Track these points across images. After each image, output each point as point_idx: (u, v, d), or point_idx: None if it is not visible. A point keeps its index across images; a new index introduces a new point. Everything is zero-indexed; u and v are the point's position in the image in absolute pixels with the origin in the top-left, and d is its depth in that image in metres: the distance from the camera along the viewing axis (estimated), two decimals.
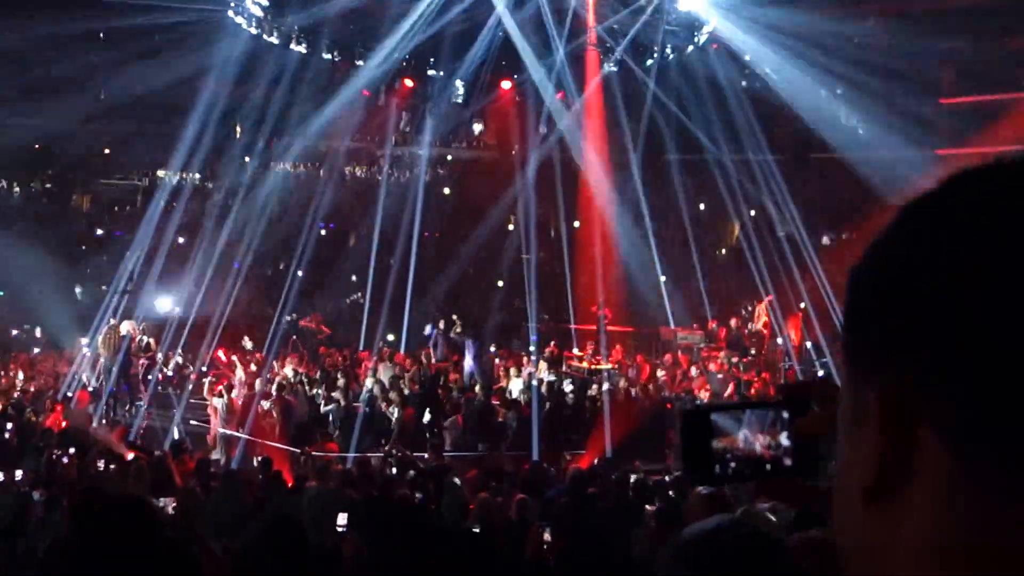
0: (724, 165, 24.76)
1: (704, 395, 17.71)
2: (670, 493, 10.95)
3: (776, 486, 1.04)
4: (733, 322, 22.28)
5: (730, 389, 17.53)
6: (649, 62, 26.05)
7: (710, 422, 1.05)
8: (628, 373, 19.21)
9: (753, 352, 21.06)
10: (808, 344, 20.54)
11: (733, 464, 1.04)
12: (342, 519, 9.65)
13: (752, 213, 26.05)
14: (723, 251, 27.86)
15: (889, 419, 0.65)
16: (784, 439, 1.03)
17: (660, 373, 19.33)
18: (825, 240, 24.74)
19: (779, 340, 20.46)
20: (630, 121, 24.99)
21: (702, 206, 28.12)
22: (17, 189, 28.54)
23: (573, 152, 25.08)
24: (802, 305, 20.89)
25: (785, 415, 1.02)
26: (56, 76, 24.37)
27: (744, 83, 24.44)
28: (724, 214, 27.06)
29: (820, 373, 18.92)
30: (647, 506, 10.00)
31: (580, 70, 25.57)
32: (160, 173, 27.27)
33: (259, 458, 12.90)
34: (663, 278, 23.42)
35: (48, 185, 29.18)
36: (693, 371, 19.40)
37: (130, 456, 12.82)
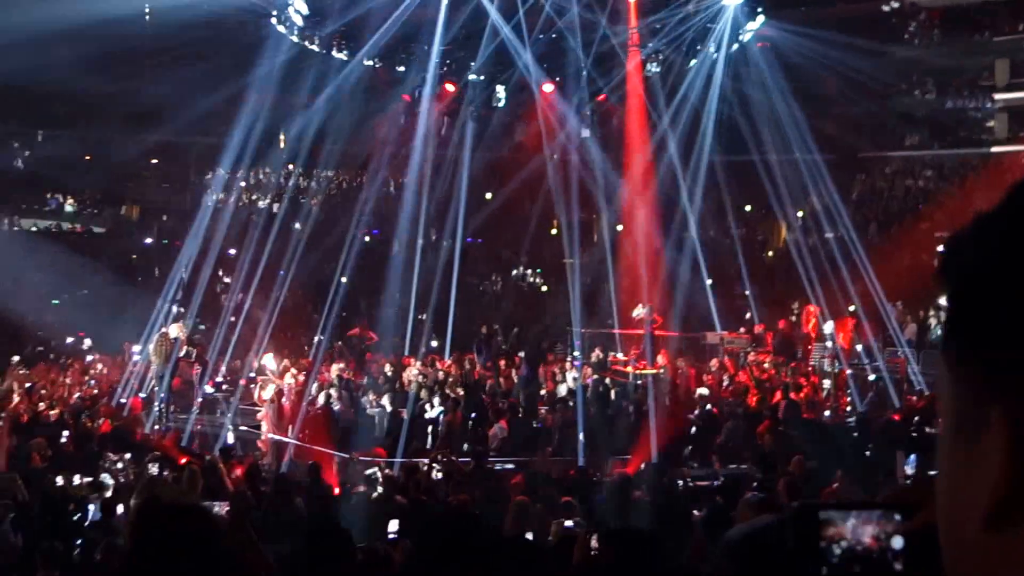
0: (771, 165, 24.57)
1: (751, 400, 17.57)
2: (717, 499, 10.88)
3: None
4: (781, 325, 22.07)
5: (778, 396, 17.34)
6: (693, 62, 25.92)
7: (818, 520, 1.02)
8: (674, 378, 19.10)
9: (800, 356, 20.87)
10: (859, 347, 20.30)
11: (842, 564, 1.01)
12: (393, 525, 9.72)
13: (800, 214, 25.81)
14: (770, 253, 27.62)
15: (1020, 437, 0.58)
16: (896, 543, 0.99)
17: (706, 378, 19.20)
18: (874, 241, 24.43)
19: (828, 344, 20.23)
20: (673, 122, 24.86)
21: (748, 207, 27.92)
22: (70, 199, 29.04)
23: (616, 155, 25.01)
24: (852, 308, 20.65)
25: (897, 517, 0.99)
26: (105, 88, 24.84)
27: (791, 81, 24.19)
28: (771, 215, 26.85)
29: (871, 377, 18.70)
30: (694, 512, 9.95)
31: (622, 71, 25.50)
32: (208, 180, 27.62)
33: (308, 464, 13.00)
34: (709, 281, 23.28)
35: (99, 196, 29.70)
36: (740, 376, 19.25)
37: (183, 461, 13.02)
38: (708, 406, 17.20)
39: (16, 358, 20.79)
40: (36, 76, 22.97)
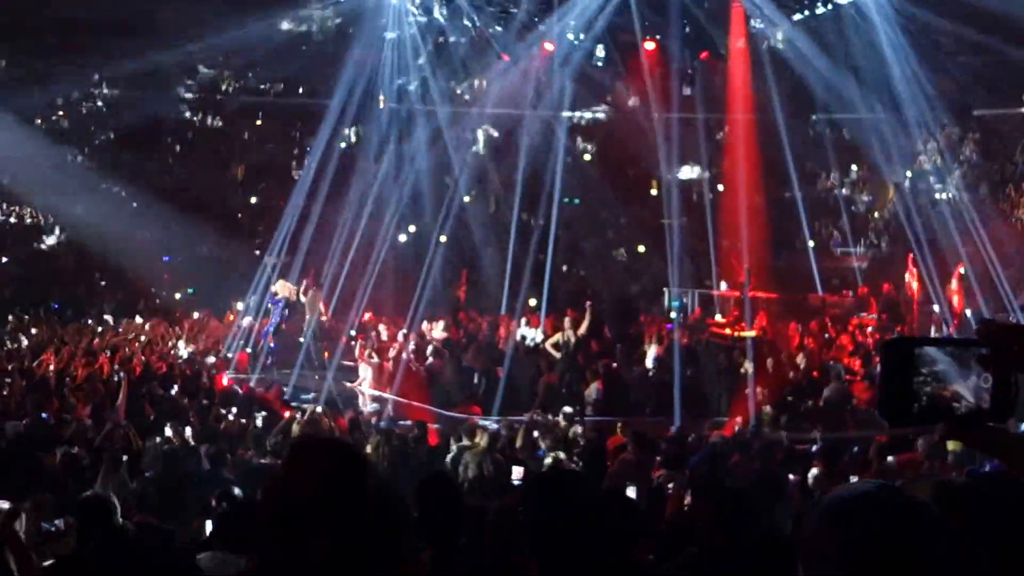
0: (879, 124, 23.84)
1: (854, 364, 17.23)
2: (816, 463, 10.74)
3: (966, 431, 0.98)
4: (885, 289, 21.50)
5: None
6: (799, 16, 25.21)
7: (913, 356, 0.99)
8: (773, 340, 18.82)
9: (904, 319, 20.32)
10: (968, 312, 19.66)
11: (930, 403, 0.99)
12: (517, 472, 9.89)
13: (908, 175, 25.03)
14: (876, 214, 26.88)
15: None
16: (986, 380, 0.97)
17: (807, 341, 18.86)
18: (986, 203, 23.54)
19: (935, 307, 19.65)
20: (778, 80, 24.25)
21: (854, 168, 27.18)
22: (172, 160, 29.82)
23: (717, 113, 24.58)
24: (962, 270, 20.00)
25: (984, 352, 0.96)
26: (210, 48, 25.42)
27: (902, 37, 23.32)
28: (879, 176, 26.10)
29: None
30: (791, 476, 9.85)
31: (725, 27, 24.97)
32: (311, 140, 28.08)
33: (411, 422, 13.27)
34: (811, 243, 22.80)
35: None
36: (842, 339, 18.84)
37: (286, 414, 13.41)
38: (809, 369, 16.93)
39: (138, 318, 21.63)
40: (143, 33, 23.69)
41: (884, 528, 1.55)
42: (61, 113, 28.27)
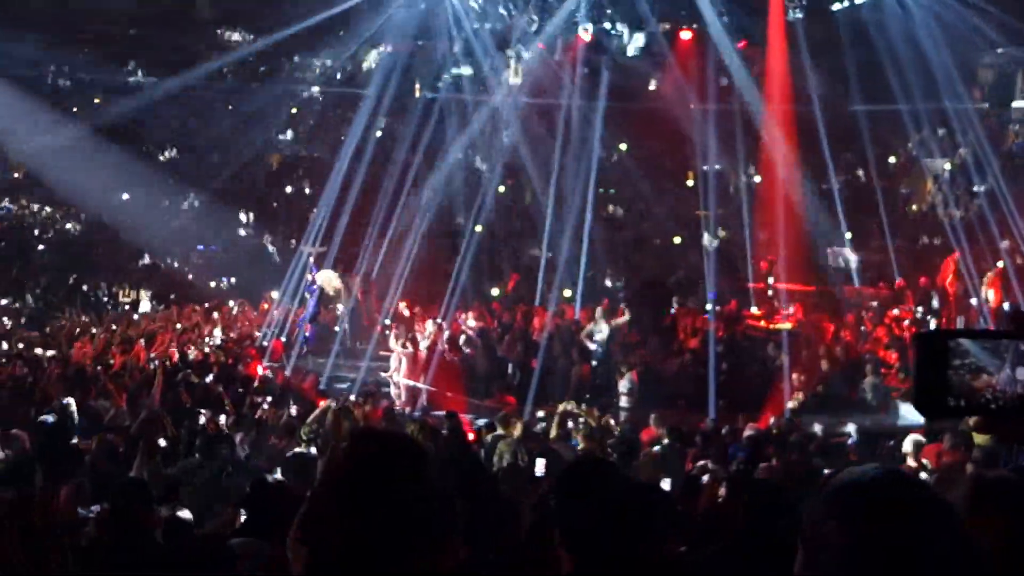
0: (918, 115, 23.53)
1: (890, 357, 17.07)
2: (851, 456, 10.68)
3: (1000, 424, 0.97)
4: (922, 282, 21.23)
5: None
6: (837, 6, 24.93)
7: (948, 349, 0.97)
8: (808, 333, 18.66)
9: (940, 313, 20.05)
10: (1006, 305, 19.37)
11: (965, 396, 0.97)
12: (540, 465, 9.89)
13: (947, 166, 24.70)
14: (914, 206, 26.55)
15: None
16: (1021, 373, 0.95)
17: (843, 333, 18.70)
18: None
19: (973, 301, 19.39)
20: (815, 70, 23.99)
21: (892, 159, 26.86)
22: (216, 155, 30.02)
23: (754, 104, 24.35)
24: (1000, 264, 19.70)
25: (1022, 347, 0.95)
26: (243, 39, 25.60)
27: (942, 26, 22.98)
28: (916, 167, 25.78)
29: None
30: (826, 469, 9.78)
31: (763, 17, 24.71)
32: (346, 129, 28.19)
33: (444, 412, 13.30)
34: (848, 235, 22.58)
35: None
36: (878, 332, 18.65)
37: (322, 404, 13.48)
38: (844, 362, 16.79)
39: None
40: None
41: (887, 514, 1.54)
42: (98, 102, 28.53)
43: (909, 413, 14.35)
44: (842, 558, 1.54)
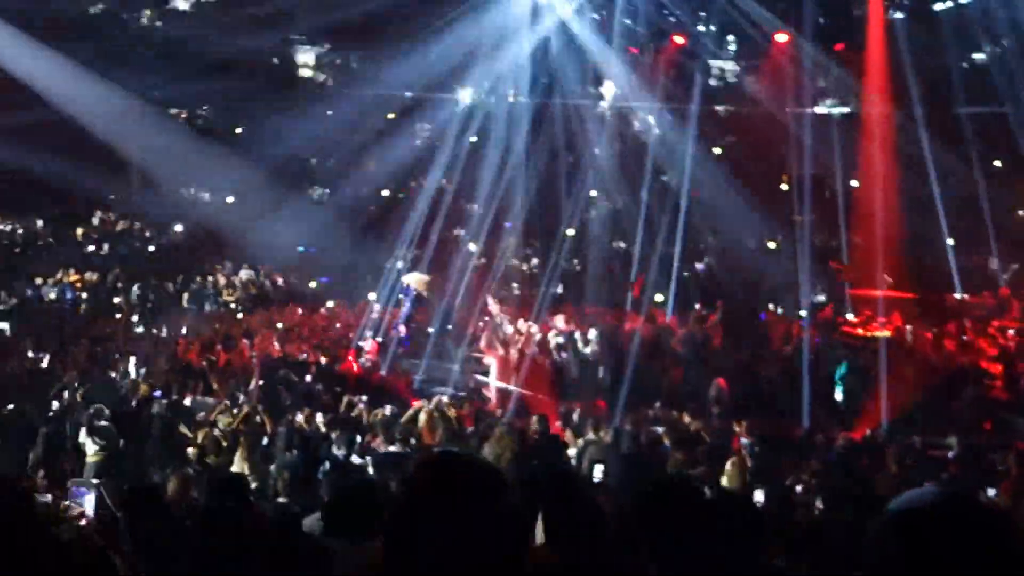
0: None
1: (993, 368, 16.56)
2: (952, 469, 10.45)
3: None
4: None
5: (1022, 366, 16.22)
6: (939, 6, 24.27)
7: None
8: (908, 341, 18.23)
9: None
10: None
11: None
12: (598, 471, 9.95)
13: None
14: (1021, 212, 25.70)
15: None
16: None
17: (944, 343, 18.21)
18: None
19: None
20: (917, 71, 23.38)
21: (997, 163, 26.02)
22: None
23: (852, 107, 23.88)
24: None
25: None
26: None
27: None
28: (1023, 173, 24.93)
29: None
30: (925, 482, 9.59)
31: (862, 17, 24.19)
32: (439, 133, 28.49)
33: (535, 415, 13.41)
34: (950, 241, 21.99)
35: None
36: (981, 342, 18.11)
37: (415, 404, 13.74)
38: (945, 372, 16.37)
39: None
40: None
41: (954, 539, 1.51)
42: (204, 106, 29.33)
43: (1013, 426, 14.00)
44: None
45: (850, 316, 20.40)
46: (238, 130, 28.17)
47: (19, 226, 27.11)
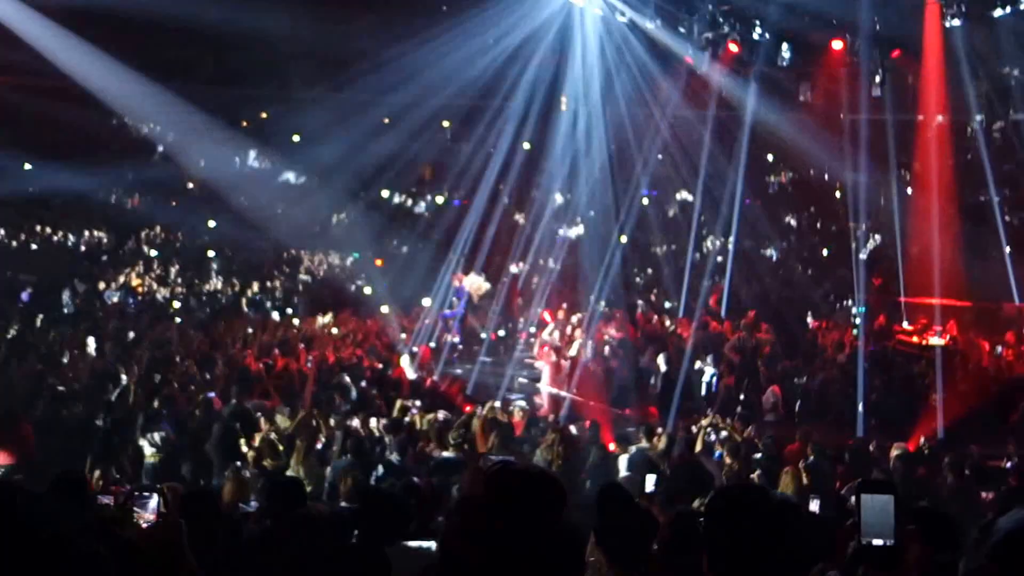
0: None
1: None
2: (1010, 481, 10.34)
3: None
4: None
5: None
6: (999, 13, 23.90)
7: None
8: (964, 350, 18.02)
9: None
10: None
11: None
12: (650, 482, 9.99)
13: None
14: None
15: None
16: None
17: (1002, 351, 17.97)
18: None
19: None
20: (974, 79, 23.07)
21: None
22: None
23: (909, 115, 23.62)
24: None
25: None
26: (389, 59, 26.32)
27: None
28: None
29: None
30: (983, 493, 9.52)
31: (919, 25, 23.92)
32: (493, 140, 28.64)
33: (587, 421, 13.49)
34: (1008, 249, 21.67)
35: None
36: None
37: (467, 410, 13.89)
38: (1003, 381, 16.16)
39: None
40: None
41: None
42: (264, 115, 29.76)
43: None
44: None
45: (905, 324, 20.20)
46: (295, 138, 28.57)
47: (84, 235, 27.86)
